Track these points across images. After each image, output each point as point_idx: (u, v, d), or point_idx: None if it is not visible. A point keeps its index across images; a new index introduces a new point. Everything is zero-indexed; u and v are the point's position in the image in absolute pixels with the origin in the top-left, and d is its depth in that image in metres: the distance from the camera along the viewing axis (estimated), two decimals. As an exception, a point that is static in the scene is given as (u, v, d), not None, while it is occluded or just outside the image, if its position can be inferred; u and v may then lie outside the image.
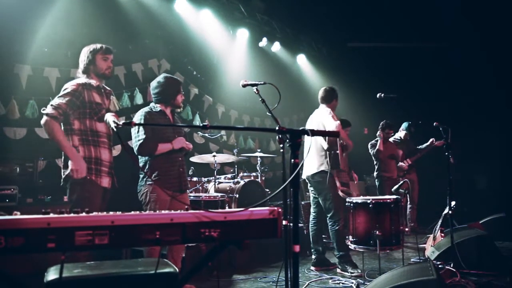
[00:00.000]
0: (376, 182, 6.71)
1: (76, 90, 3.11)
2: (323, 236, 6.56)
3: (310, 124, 4.62)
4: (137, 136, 3.46)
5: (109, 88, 3.47)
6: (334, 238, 4.42)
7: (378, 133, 6.49)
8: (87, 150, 3.12)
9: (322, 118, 4.49)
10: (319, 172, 4.47)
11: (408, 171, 6.91)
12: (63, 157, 3.12)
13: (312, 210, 4.75)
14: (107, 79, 3.38)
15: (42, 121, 3.03)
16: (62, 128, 3.11)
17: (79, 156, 3.06)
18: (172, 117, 3.73)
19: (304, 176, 4.68)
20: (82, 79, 3.24)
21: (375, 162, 6.67)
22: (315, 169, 4.49)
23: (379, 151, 6.48)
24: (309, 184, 4.70)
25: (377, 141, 6.55)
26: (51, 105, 3.06)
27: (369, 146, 6.69)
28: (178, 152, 3.64)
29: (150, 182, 3.47)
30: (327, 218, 4.48)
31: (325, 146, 4.47)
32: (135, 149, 3.47)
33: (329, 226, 4.47)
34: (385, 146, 6.53)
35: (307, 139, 4.17)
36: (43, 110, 3.05)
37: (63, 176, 3.11)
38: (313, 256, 4.61)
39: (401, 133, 7.07)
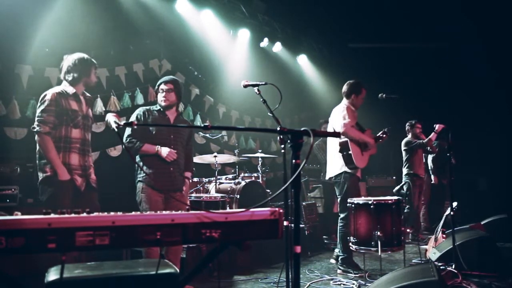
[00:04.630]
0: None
1: (54, 100, 3.25)
2: (324, 237, 6.51)
3: (330, 122, 4.62)
4: (126, 132, 3.56)
5: (89, 95, 3.56)
6: (341, 239, 4.42)
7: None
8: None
9: (334, 116, 4.47)
10: (341, 173, 4.46)
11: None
12: (39, 161, 3.25)
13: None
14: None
15: (36, 138, 3.21)
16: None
17: (65, 171, 3.22)
18: (174, 118, 3.70)
19: (327, 177, 4.70)
20: (57, 88, 3.36)
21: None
22: (338, 169, 4.48)
23: None
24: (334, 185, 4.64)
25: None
26: (40, 121, 3.19)
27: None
28: None
29: (141, 179, 3.49)
30: (339, 218, 4.47)
31: (337, 147, 4.41)
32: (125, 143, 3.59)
33: (339, 227, 4.46)
34: None
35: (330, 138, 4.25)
36: (33, 128, 3.20)
37: (40, 179, 3.26)
38: (340, 256, 4.45)
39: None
